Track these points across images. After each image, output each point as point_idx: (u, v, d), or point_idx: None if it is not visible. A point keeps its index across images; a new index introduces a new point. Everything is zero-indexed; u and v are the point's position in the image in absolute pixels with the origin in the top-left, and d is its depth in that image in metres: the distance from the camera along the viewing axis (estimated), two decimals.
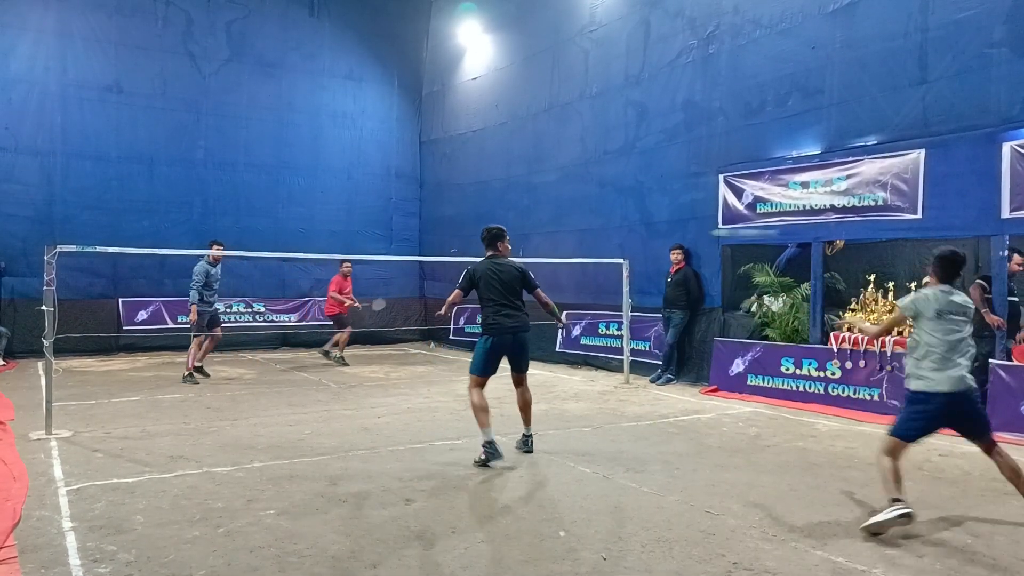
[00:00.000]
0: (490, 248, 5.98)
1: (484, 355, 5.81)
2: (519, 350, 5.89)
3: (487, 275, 5.81)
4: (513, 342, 5.82)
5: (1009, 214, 6.97)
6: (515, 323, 5.79)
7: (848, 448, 6.20)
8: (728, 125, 9.72)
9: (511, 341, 5.81)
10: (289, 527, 4.14)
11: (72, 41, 12.81)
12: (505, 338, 5.77)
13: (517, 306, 5.85)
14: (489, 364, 5.82)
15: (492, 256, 5.96)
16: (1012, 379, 6.71)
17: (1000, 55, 7.18)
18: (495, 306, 5.77)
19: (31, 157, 12.51)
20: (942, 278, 4.42)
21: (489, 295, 5.78)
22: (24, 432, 6.45)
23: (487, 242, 6.00)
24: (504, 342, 5.78)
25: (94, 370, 10.90)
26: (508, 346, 5.81)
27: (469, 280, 5.85)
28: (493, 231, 6.02)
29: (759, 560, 3.70)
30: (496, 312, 5.77)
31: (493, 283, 5.78)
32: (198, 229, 13.55)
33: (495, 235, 6.00)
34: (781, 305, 9.11)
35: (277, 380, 10.13)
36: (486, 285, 5.79)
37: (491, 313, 5.78)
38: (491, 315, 5.78)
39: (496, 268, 5.84)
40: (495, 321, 5.76)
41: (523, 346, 5.91)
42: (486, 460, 5.46)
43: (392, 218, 15.93)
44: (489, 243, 5.99)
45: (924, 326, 4.31)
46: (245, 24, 14.26)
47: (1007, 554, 3.80)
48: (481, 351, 5.82)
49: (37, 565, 3.57)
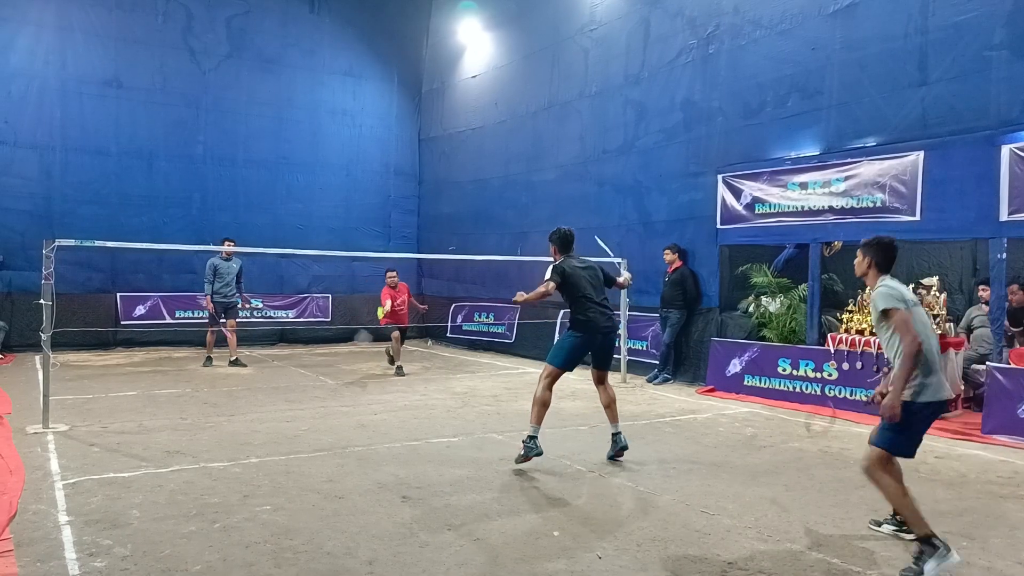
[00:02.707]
0: (565, 251, 5.97)
1: (571, 350, 5.75)
2: (607, 349, 5.93)
3: (578, 273, 5.78)
4: (603, 341, 5.82)
5: (1008, 216, 6.98)
6: (607, 323, 5.83)
7: (844, 449, 6.21)
8: (727, 125, 9.72)
9: (601, 340, 5.80)
10: (285, 523, 4.14)
11: (72, 35, 12.78)
12: (596, 337, 5.76)
13: (607, 305, 5.87)
14: (573, 359, 5.78)
15: (569, 256, 5.94)
16: (1009, 382, 6.72)
17: (1000, 57, 7.19)
18: (589, 303, 5.74)
19: (30, 151, 12.49)
20: (885, 268, 3.99)
21: (582, 293, 5.74)
22: (21, 426, 6.44)
23: (560, 244, 5.98)
24: (595, 340, 5.77)
25: (92, 364, 10.90)
26: (598, 344, 5.81)
27: (560, 275, 5.77)
28: (567, 234, 6.02)
29: (754, 560, 3.71)
30: (589, 309, 5.73)
31: (585, 281, 5.76)
32: (197, 224, 13.56)
33: (570, 238, 6.01)
34: (778, 306, 9.13)
35: (274, 376, 10.13)
36: (579, 282, 5.75)
37: (584, 310, 5.74)
38: (584, 312, 5.73)
39: (582, 267, 5.86)
40: (588, 318, 5.72)
41: (611, 345, 5.97)
42: (527, 455, 5.40)
43: (391, 215, 15.93)
44: (564, 246, 5.97)
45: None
46: (245, 20, 14.24)
47: (1003, 557, 3.81)
48: (568, 345, 5.77)
49: (33, 559, 3.57)
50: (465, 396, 8.57)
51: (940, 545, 3.50)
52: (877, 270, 3.96)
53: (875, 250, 3.97)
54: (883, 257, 3.96)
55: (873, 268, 3.97)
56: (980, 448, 6.32)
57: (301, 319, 14.45)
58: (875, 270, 3.96)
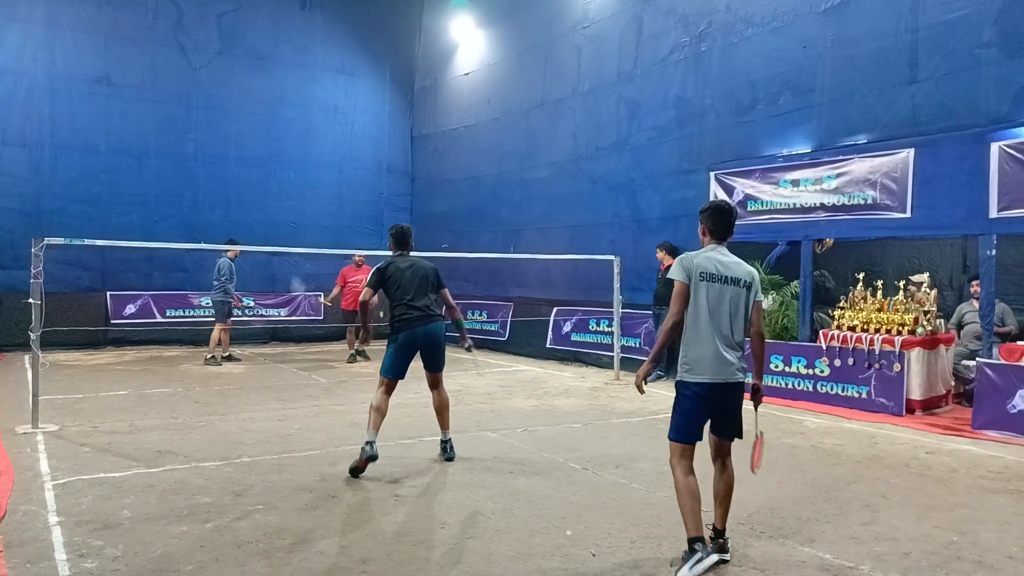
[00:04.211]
0: (398, 248, 5.71)
1: (393, 357, 5.48)
2: (433, 351, 5.61)
3: (399, 273, 5.53)
4: (426, 343, 5.53)
5: (997, 213, 7.02)
6: (425, 324, 5.51)
7: (836, 445, 6.23)
8: (719, 123, 9.74)
9: (423, 342, 5.54)
10: (277, 522, 4.13)
11: (61, 32, 12.69)
12: (415, 340, 5.53)
13: (430, 307, 5.59)
14: (398, 365, 5.48)
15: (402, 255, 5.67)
16: (999, 377, 6.76)
17: (989, 55, 7.23)
18: (406, 307, 5.50)
19: (19, 149, 12.39)
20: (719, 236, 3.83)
21: (398, 296, 5.50)
22: (10, 426, 6.40)
23: (394, 241, 5.73)
24: (415, 343, 5.53)
25: (81, 364, 10.83)
26: (419, 346, 5.54)
27: (379, 277, 5.55)
28: (400, 231, 5.76)
29: (747, 556, 3.72)
30: (406, 312, 5.48)
31: (405, 282, 5.51)
32: (187, 223, 13.49)
33: (404, 235, 5.76)
34: (770, 303, 9.15)
35: (266, 375, 10.10)
36: (398, 283, 5.52)
37: (400, 313, 5.50)
38: (400, 315, 5.48)
39: (406, 266, 5.59)
40: (403, 320, 5.48)
41: (436, 347, 5.62)
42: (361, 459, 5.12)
43: (383, 213, 15.87)
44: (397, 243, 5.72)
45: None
46: (236, 17, 14.17)
47: (993, 551, 3.84)
48: (390, 353, 5.46)
49: (23, 560, 3.55)
50: (459, 394, 8.55)
51: (700, 551, 3.46)
52: (711, 237, 3.82)
53: (707, 216, 3.84)
54: (715, 224, 3.81)
55: (707, 235, 3.84)
56: (970, 443, 6.36)
57: (293, 317, 14.40)
58: (708, 236, 3.84)
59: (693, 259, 3.71)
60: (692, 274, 3.67)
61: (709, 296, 3.67)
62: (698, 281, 3.67)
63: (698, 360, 3.67)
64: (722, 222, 3.81)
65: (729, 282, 3.71)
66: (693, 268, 3.68)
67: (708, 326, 3.66)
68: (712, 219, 3.81)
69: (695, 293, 3.67)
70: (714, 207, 3.88)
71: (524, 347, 12.53)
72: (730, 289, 3.70)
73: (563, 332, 11.98)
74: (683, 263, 3.72)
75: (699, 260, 3.71)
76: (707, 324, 3.66)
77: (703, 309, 3.66)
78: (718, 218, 3.81)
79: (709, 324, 3.66)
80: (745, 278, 3.76)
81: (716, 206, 3.91)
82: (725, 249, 3.81)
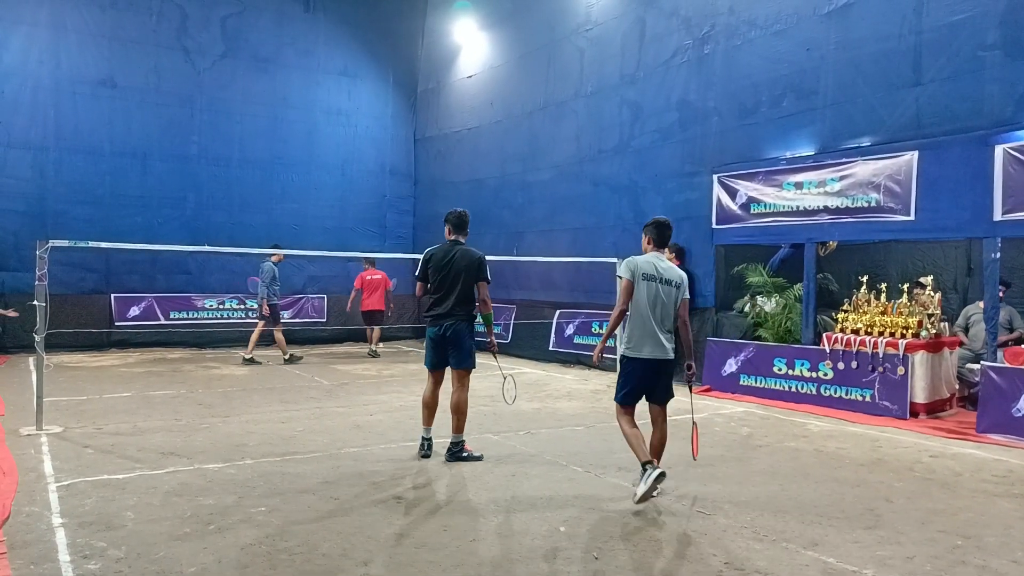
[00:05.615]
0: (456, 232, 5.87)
1: (426, 351, 5.83)
2: (452, 346, 5.65)
3: (438, 265, 5.69)
4: (444, 339, 5.65)
5: (1001, 216, 7.01)
6: (444, 321, 5.65)
7: (840, 448, 6.22)
8: (722, 125, 9.73)
9: (442, 337, 5.67)
10: (280, 524, 4.13)
11: (66, 35, 12.74)
12: (436, 334, 5.74)
13: (457, 303, 5.70)
14: (430, 360, 5.83)
15: (455, 241, 5.82)
16: (1003, 381, 6.74)
17: (993, 58, 7.21)
18: (436, 298, 5.75)
19: (24, 151, 12.44)
20: (659, 244, 4.80)
21: (433, 286, 5.73)
22: (14, 428, 6.41)
23: (453, 224, 5.88)
24: (436, 338, 5.74)
25: (85, 366, 10.85)
26: (439, 341, 5.70)
27: (424, 264, 5.80)
28: (458, 216, 5.97)
29: (750, 560, 3.71)
30: (435, 305, 5.71)
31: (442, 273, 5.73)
32: (191, 225, 13.53)
33: (463, 219, 5.97)
34: (774, 305, 9.14)
35: (269, 377, 10.10)
36: (435, 274, 5.73)
37: (433, 305, 5.73)
38: (431, 308, 5.70)
39: (447, 258, 5.76)
40: (431, 315, 5.74)
41: (454, 343, 5.65)
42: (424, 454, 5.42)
43: (386, 215, 15.90)
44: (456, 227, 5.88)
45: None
46: (240, 19, 14.21)
47: (998, 555, 3.82)
48: (426, 347, 5.83)
49: (26, 561, 3.55)
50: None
51: (649, 468, 4.41)
52: (653, 245, 4.79)
53: (651, 228, 4.81)
54: (657, 235, 4.79)
55: (651, 244, 4.80)
56: (975, 447, 6.34)
57: (296, 319, 14.41)
58: (652, 245, 4.79)
59: (637, 262, 4.66)
60: (636, 274, 4.62)
61: (648, 292, 4.61)
62: (640, 280, 4.61)
63: (639, 341, 4.63)
64: (662, 234, 4.80)
65: (663, 282, 4.64)
66: (637, 269, 4.63)
67: (647, 315, 4.59)
68: (656, 231, 4.79)
69: (637, 289, 4.61)
70: (656, 222, 4.82)
71: (526, 350, 12.53)
72: (664, 287, 4.63)
73: (565, 335, 11.97)
74: (629, 265, 4.66)
75: (640, 263, 4.66)
76: (646, 313, 4.59)
77: (643, 302, 4.61)
78: (660, 231, 4.79)
79: (648, 313, 4.59)
80: (676, 279, 4.69)
81: (658, 222, 4.83)
82: (662, 255, 4.77)
